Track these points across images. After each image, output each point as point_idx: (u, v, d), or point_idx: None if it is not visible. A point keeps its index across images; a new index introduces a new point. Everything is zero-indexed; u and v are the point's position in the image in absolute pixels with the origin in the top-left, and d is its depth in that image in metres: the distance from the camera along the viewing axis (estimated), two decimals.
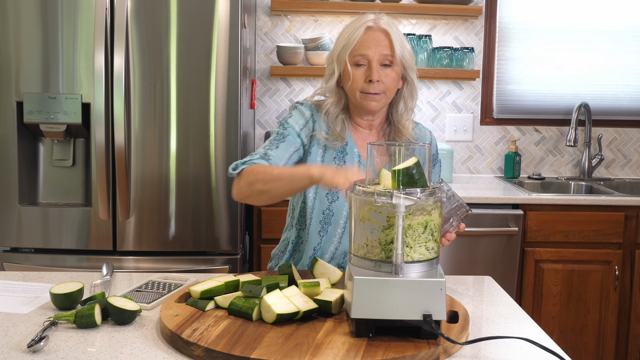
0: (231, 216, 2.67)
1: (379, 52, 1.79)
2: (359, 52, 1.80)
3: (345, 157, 1.87)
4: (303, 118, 1.87)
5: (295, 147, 1.84)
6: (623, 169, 3.67)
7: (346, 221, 1.86)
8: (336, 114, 1.87)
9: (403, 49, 1.82)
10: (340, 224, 1.86)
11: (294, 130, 1.85)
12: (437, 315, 1.27)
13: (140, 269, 2.67)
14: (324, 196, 1.85)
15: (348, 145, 1.88)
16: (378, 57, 1.79)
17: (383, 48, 1.79)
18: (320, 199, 1.85)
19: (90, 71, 2.59)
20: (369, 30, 1.81)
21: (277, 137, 1.84)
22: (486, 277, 1.87)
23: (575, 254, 2.97)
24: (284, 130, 1.85)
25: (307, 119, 1.87)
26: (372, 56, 1.79)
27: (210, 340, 1.26)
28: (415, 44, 3.36)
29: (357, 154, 1.88)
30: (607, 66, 3.60)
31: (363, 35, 1.80)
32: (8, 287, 1.65)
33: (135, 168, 2.64)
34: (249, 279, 1.55)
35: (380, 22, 1.82)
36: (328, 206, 1.85)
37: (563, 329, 2.99)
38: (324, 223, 1.86)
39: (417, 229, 1.30)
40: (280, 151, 1.81)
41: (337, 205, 1.85)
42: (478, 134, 3.60)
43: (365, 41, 1.80)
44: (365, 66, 1.80)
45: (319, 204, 1.86)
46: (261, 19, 3.47)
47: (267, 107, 3.52)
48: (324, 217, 1.86)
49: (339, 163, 1.86)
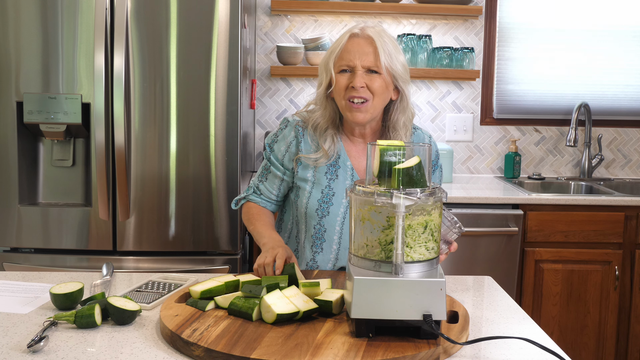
0: (231, 216, 2.67)
1: (363, 61, 1.77)
2: (344, 61, 1.78)
3: (337, 172, 1.85)
4: (285, 144, 1.88)
5: (280, 178, 1.91)
6: (623, 169, 3.67)
7: (340, 237, 1.84)
8: (325, 127, 1.85)
9: (391, 59, 1.78)
10: (334, 239, 1.84)
11: (277, 158, 1.90)
12: (437, 315, 1.27)
13: (140, 269, 2.67)
14: (314, 211, 1.84)
15: (340, 158, 1.86)
16: (361, 64, 1.77)
17: (367, 57, 1.77)
18: (310, 214, 1.85)
19: (90, 71, 2.59)
20: (353, 37, 1.80)
21: (265, 167, 1.95)
22: (486, 277, 1.87)
23: (575, 254, 2.97)
24: (267, 160, 1.93)
25: (288, 144, 1.88)
26: (354, 63, 1.77)
27: (210, 340, 1.26)
28: (415, 44, 3.36)
29: (349, 167, 1.86)
30: (607, 66, 3.60)
31: (347, 42, 1.79)
32: (8, 287, 1.65)
33: (135, 168, 2.64)
34: (249, 279, 1.55)
35: (366, 30, 1.80)
36: (319, 221, 1.84)
37: (563, 329, 2.99)
38: (315, 238, 1.85)
39: (417, 229, 1.30)
40: (269, 183, 1.93)
41: (329, 220, 1.83)
42: (478, 134, 3.60)
43: (349, 49, 1.79)
44: (350, 73, 1.79)
45: (309, 219, 1.85)
46: (261, 19, 3.47)
47: (267, 107, 3.52)
48: (315, 232, 1.85)
49: (331, 178, 1.85)
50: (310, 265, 1.86)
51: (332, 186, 1.84)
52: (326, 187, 1.84)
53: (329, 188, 1.84)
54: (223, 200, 2.66)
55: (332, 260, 1.85)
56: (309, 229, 1.85)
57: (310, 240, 1.85)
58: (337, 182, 1.84)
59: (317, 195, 1.83)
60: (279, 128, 1.92)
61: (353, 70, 1.78)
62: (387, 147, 1.33)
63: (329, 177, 1.84)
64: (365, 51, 1.77)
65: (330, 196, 1.84)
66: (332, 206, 1.83)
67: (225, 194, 2.66)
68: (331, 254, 1.85)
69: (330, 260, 1.85)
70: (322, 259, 1.85)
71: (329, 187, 1.84)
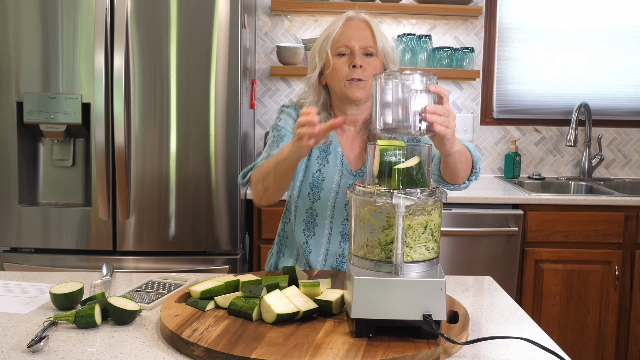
0: (231, 216, 2.67)
1: (361, 40, 1.79)
2: (341, 42, 1.80)
3: (328, 157, 1.86)
4: (291, 119, 1.88)
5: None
6: (623, 169, 3.67)
7: (332, 222, 1.85)
8: (319, 112, 1.85)
9: (385, 41, 1.83)
10: (325, 224, 1.85)
11: (288, 130, 1.86)
12: (437, 315, 1.27)
13: (140, 269, 2.67)
14: (306, 195, 1.85)
15: (332, 144, 1.87)
16: (360, 45, 1.79)
17: (365, 37, 1.80)
18: (302, 197, 1.86)
19: (90, 71, 2.60)
20: (350, 20, 1.82)
21: (275, 139, 1.85)
22: (486, 277, 1.87)
23: (575, 254, 2.97)
24: (279, 132, 1.86)
25: (294, 119, 1.88)
26: (354, 44, 1.79)
27: (210, 340, 1.26)
28: (415, 44, 3.36)
29: (340, 153, 1.87)
30: (607, 66, 3.60)
31: (344, 25, 1.81)
32: (8, 287, 1.65)
33: (135, 168, 2.64)
34: (249, 279, 1.55)
35: (360, 14, 1.83)
36: (310, 205, 1.85)
37: (563, 329, 2.99)
38: (308, 222, 1.86)
39: (417, 229, 1.30)
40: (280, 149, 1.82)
41: (320, 204, 1.84)
42: (478, 134, 3.60)
43: (346, 31, 1.80)
44: (348, 55, 1.80)
45: (301, 202, 1.86)
46: (261, 19, 3.47)
47: (267, 107, 3.52)
48: (307, 216, 1.86)
49: (321, 163, 1.86)
50: (304, 249, 1.87)
51: (323, 171, 1.85)
52: (317, 172, 1.86)
53: (319, 172, 1.85)
54: (223, 200, 2.66)
55: (325, 245, 1.86)
56: (300, 213, 1.87)
57: (302, 224, 1.86)
58: (327, 167, 1.85)
59: (308, 179, 1.86)
60: (280, 110, 1.93)
61: (351, 52, 1.79)
62: (387, 147, 1.33)
63: (319, 162, 1.86)
64: (363, 34, 1.80)
65: (321, 181, 1.85)
66: (323, 191, 1.85)
67: (225, 194, 2.66)
68: (323, 237, 1.86)
69: (322, 245, 1.86)
70: (314, 243, 1.86)
71: (320, 172, 1.86)
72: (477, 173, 1.73)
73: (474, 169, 1.72)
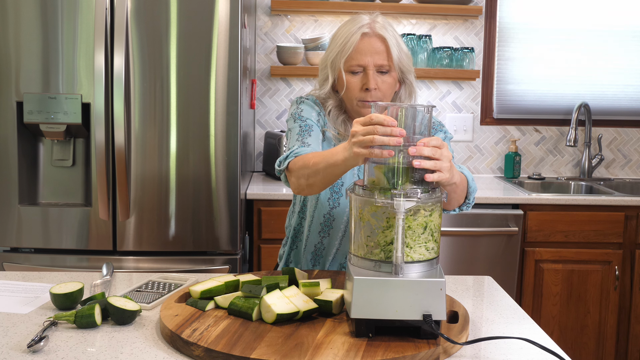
0: (231, 216, 2.67)
1: (375, 60, 1.74)
2: (355, 61, 1.75)
3: None
4: (314, 111, 1.83)
5: (321, 137, 1.80)
6: (623, 169, 3.67)
7: (346, 225, 1.85)
8: (337, 115, 1.85)
9: (400, 53, 1.77)
10: (341, 228, 1.85)
11: (313, 121, 1.80)
12: (437, 315, 1.27)
13: (140, 269, 2.67)
14: (326, 200, 1.83)
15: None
16: (374, 65, 1.74)
17: (380, 56, 1.74)
18: (321, 202, 1.84)
19: (90, 71, 2.59)
20: (365, 36, 1.75)
21: (303, 128, 1.78)
22: (486, 277, 1.87)
23: (575, 254, 2.97)
24: (304, 122, 1.79)
25: (318, 112, 1.83)
26: (368, 64, 1.74)
27: (210, 340, 1.26)
28: (415, 44, 3.36)
29: None
30: (607, 66, 3.60)
31: (359, 42, 1.75)
32: (8, 287, 1.65)
33: (135, 168, 2.64)
34: (249, 279, 1.55)
35: (375, 26, 1.77)
36: (329, 211, 1.84)
37: (563, 329, 2.99)
38: (324, 225, 1.85)
39: (417, 230, 1.30)
40: (313, 139, 1.76)
41: (338, 211, 1.83)
42: (478, 134, 3.60)
43: (361, 49, 1.75)
44: (361, 73, 1.76)
45: (320, 207, 1.85)
46: (261, 19, 3.47)
47: (267, 107, 3.52)
48: (324, 220, 1.85)
49: None
50: (317, 247, 1.87)
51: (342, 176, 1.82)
52: None
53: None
54: (223, 200, 2.66)
55: (337, 245, 1.85)
56: (318, 216, 1.84)
57: (318, 227, 1.85)
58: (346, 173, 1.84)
59: None
60: (300, 101, 1.85)
61: (365, 71, 1.75)
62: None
63: None
64: (377, 50, 1.75)
65: (340, 186, 1.83)
66: (342, 197, 1.82)
67: (225, 194, 2.66)
68: (336, 240, 1.85)
69: (334, 246, 1.86)
70: (328, 243, 1.86)
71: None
72: (470, 204, 1.72)
73: (467, 200, 1.70)
